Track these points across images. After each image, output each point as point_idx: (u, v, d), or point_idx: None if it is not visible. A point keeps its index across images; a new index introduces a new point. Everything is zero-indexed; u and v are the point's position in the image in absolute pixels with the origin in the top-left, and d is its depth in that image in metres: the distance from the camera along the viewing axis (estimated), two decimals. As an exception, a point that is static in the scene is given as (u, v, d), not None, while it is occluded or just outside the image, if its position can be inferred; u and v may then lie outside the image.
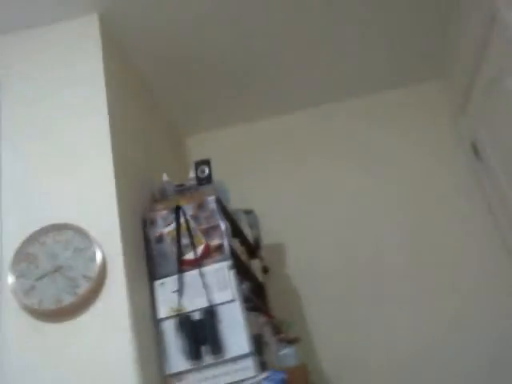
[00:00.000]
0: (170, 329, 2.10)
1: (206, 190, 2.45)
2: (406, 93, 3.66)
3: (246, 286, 2.38)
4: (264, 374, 1.99)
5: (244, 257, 2.64)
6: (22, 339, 1.93)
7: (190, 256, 2.25)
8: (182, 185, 2.56)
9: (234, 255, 2.31)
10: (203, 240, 2.27)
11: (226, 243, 2.26)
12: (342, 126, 3.65)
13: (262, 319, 2.40)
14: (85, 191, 2.15)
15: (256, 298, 2.57)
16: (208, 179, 2.52)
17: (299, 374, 2.05)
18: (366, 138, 3.58)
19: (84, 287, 1.94)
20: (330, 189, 3.49)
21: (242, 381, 1.99)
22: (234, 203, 2.87)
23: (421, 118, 3.59)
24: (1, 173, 2.23)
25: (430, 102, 3.64)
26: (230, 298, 2.13)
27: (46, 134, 2.28)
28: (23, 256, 2.01)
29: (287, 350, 2.30)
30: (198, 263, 2.21)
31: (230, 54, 3.06)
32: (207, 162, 2.55)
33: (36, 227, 2.05)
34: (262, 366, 2.06)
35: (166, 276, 2.22)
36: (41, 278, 1.96)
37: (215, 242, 2.27)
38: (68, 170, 2.19)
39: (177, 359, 2.05)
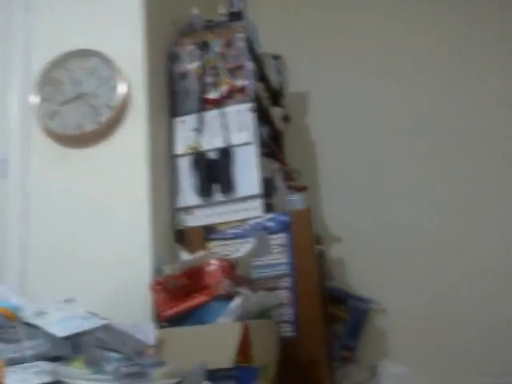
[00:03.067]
0: (184, 165, 2.18)
1: (236, 26, 2.36)
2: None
3: (264, 130, 2.41)
4: (270, 215, 2.11)
5: (266, 102, 2.63)
6: (46, 162, 2.05)
7: (213, 95, 2.25)
8: (211, 20, 2.48)
9: (256, 99, 2.30)
10: (228, 79, 2.26)
11: (250, 85, 2.23)
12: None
13: (276, 165, 2.47)
14: (112, 20, 2.10)
15: (273, 144, 2.63)
16: (240, 15, 2.42)
17: (303, 218, 2.12)
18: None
19: (106, 116, 1.98)
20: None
21: (248, 219, 2.10)
22: (263, 47, 2.78)
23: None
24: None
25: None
26: (247, 140, 2.16)
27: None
28: (48, 79, 2.04)
29: (295, 196, 2.39)
30: (220, 103, 2.22)
31: None
32: (241, -4, 2.43)
33: (62, 52, 2.06)
34: (269, 208, 2.15)
35: (186, 114, 2.25)
36: (65, 103, 2.01)
37: (240, 82, 2.24)
38: (96, -1, 2.12)
39: (188, 194, 2.15)
